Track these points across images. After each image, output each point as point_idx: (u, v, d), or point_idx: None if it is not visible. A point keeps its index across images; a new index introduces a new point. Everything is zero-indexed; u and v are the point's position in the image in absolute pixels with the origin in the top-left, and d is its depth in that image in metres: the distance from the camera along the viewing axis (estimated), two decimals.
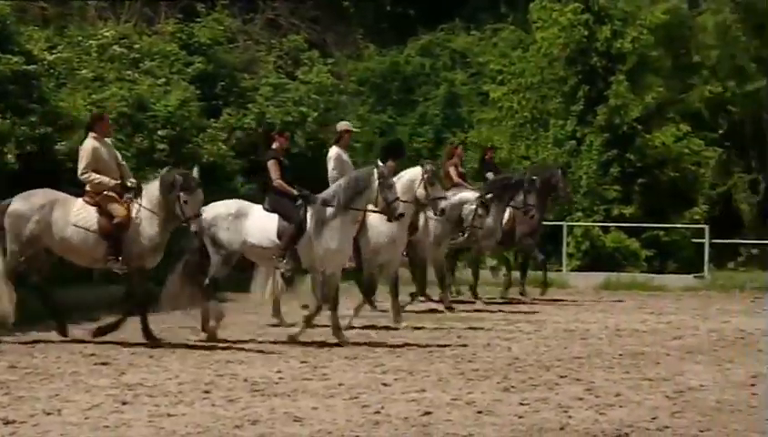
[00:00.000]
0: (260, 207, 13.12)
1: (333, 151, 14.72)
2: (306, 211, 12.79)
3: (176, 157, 18.68)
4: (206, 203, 12.73)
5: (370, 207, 13.25)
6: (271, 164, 13.26)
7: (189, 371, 10.69)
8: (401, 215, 13.19)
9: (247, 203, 13.43)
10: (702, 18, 30.15)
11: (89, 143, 12.68)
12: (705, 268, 24.24)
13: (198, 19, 25.33)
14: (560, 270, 24.53)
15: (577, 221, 25.41)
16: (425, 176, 14.51)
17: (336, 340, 12.85)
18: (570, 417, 8.65)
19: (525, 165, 26.33)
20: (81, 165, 12.58)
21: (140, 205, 12.43)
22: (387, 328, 14.65)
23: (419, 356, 12.01)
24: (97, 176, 12.54)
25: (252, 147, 22.45)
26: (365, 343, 13.09)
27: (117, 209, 12.40)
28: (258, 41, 29.39)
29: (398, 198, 13.02)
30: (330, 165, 14.54)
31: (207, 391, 9.54)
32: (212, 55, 24.13)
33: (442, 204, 14.71)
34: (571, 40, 26.72)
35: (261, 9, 31.35)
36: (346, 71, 31.78)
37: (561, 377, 10.73)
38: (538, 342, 13.61)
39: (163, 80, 21.41)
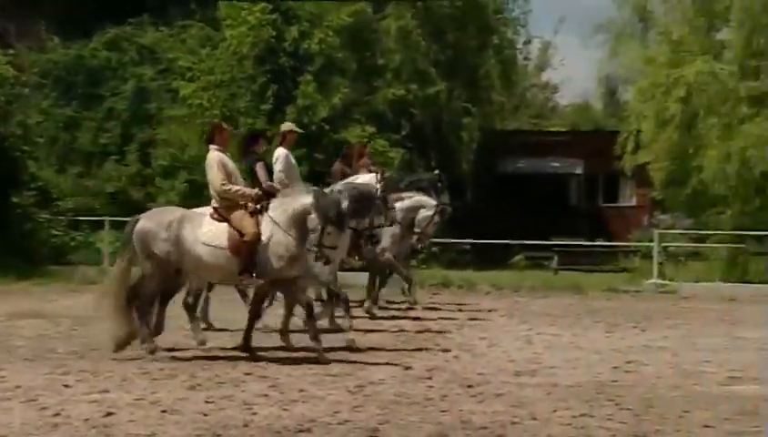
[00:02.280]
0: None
1: (280, 152, 14.29)
2: None
3: None
4: None
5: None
6: (259, 167, 13.10)
7: None
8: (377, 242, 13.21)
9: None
10: (385, 22, 31.10)
11: (216, 156, 12.06)
12: None
13: None
14: None
15: None
16: (379, 184, 14.14)
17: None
18: (254, 414, 8.75)
19: None
20: (219, 177, 11.91)
21: (271, 218, 11.81)
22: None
23: (103, 357, 11.75)
24: (237, 187, 12.01)
25: None
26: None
27: (247, 226, 11.77)
28: None
29: (382, 225, 12.95)
30: (278, 167, 14.11)
31: None
32: None
33: (395, 214, 14.68)
34: (260, 39, 26.95)
35: None
36: (28, 63, 30.59)
37: (247, 374, 10.81)
38: (227, 340, 13.61)
39: None
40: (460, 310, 17.35)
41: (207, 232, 11.81)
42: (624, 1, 30.21)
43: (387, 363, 11.71)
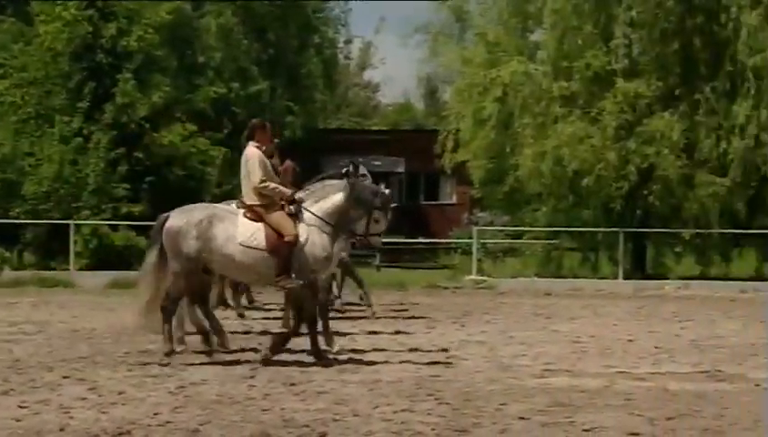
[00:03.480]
0: None
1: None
2: None
3: None
4: None
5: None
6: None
7: None
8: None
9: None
10: (205, 20, 30.83)
11: (257, 153, 11.83)
12: None
13: None
14: (68, 270, 24.11)
15: (85, 220, 25.08)
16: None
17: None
18: (71, 417, 8.55)
19: (30, 161, 25.64)
20: (259, 174, 11.65)
21: (312, 213, 11.69)
22: None
23: None
24: (275, 185, 11.85)
25: None
26: None
27: (287, 227, 11.54)
28: None
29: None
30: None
31: None
32: None
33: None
34: (76, 35, 26.33)
35: None
36: None
37: (65, 378, 10.56)
38: (41, 343, 13.29)
39: None
40: (282, 310, 17.32)
41: (242, 232, 11.58)
42: (442, 3, 30.74)
43: (209, 364, 11.64)
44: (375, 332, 14.92)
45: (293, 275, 11.53)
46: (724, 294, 23.05)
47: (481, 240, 26.61)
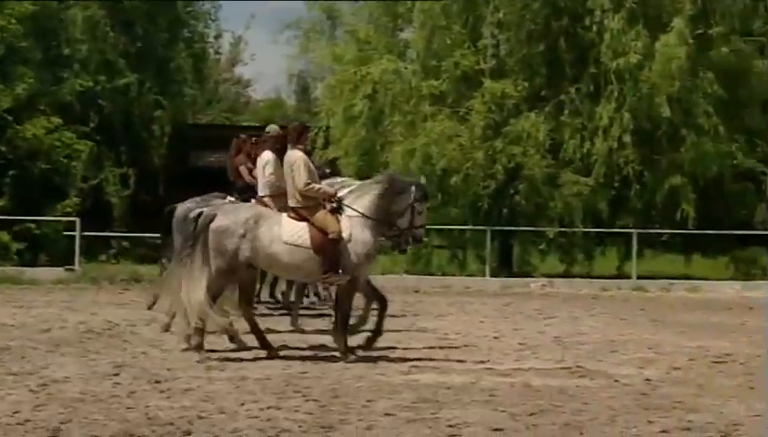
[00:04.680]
0: None
1: (269, 155, 13.90)
2: None
3: None
4: None
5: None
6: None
7: None
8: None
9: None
10: (71, 12, 30.17)
11: (302, 156, 12.10)
12: (76, 260, 24.36)
13: None
14: None
15: None
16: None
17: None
18: None
19: None
20: (304, 177, 11.91)
21: (353, 209, 11.99)
22: None
23: None
24: (319, 186, 12.22)
25: None
26: None
27: (331, 224, 11.80)
28: None
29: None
30: (268, 169, 13.84)
31: None
32: None
33: None
34: None
35: None
36: None
37: None
38: None
39: None
40: (149, 308, 17.11)
41: (287, 231, 11.79)
42: (313, 1, 30.70)
43: (72, 360, 11.44)
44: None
45: (340, 271, 11.78)
46: (587, 292, 23.60)
47: None
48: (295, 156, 12.09)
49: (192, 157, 35.86)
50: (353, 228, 11.95)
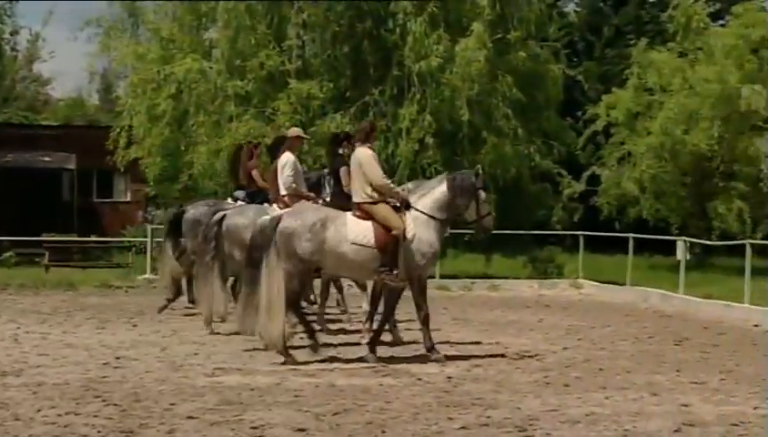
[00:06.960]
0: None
1: (289, 157, 14.17)
2: None
3: None
4: None
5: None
6: (343, 171, 13.67)
7: None
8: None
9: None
10: None
11: (370, 153, 12.47)
12: None
13: None
14: None
15: None
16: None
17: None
18: None
19: None
20: (380, 172, 12.30)
21: (418, 210, 12.17)
22: None
23: None
24: (391, 183, 12.56)
25: None
26: None
27: (394, 221, 11.98)
28: None
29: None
30: (287, 172, 14.06)
31: None
32: None
33: None
34: None
35: None
36: None
37: None
38: None
39: None
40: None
41: (353, 231, 11.92)
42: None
43: None
44: (43, 333, 14.46)
45: (395, 272, 11.90)
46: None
47: (156, 239, 26.24)
48: (365, 153, 12.36)
49: None
50: (418, 227, 12.17)
